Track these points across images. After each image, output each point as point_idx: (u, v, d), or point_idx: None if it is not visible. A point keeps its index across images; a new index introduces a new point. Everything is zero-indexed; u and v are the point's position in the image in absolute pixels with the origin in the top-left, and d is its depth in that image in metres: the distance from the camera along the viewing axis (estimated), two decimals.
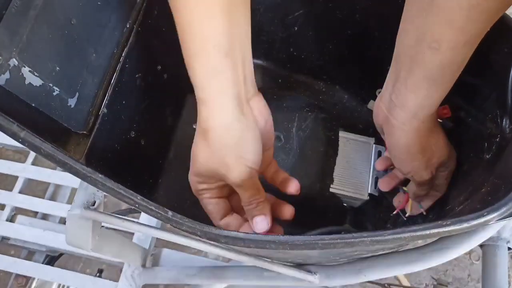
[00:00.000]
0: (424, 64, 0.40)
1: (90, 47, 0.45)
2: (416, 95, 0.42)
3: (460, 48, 0.38)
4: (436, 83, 0.41)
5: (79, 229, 0.47)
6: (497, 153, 0.42)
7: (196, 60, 0.39)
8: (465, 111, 0.51)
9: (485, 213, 0.32)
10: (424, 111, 0.43)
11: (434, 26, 0.38)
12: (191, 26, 0.38)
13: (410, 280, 1.20)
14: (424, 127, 0.44)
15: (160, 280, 0.67)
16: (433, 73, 0.40)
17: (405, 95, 0.42)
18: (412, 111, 0.43)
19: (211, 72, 0.39)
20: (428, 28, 0.38)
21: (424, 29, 0.38)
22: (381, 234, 0.33)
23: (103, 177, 0.35)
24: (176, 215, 0.35)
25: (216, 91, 0.40)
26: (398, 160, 0.47)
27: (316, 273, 0.48)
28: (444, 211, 0.48)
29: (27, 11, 0.37)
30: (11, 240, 0.79)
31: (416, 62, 0.40)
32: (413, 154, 0.45)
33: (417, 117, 0.43)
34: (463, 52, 0.38)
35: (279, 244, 0.34)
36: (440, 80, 0.40)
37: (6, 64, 0.36)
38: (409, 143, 0.45)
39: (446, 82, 0.41)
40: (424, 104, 0.42)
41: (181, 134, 0.64)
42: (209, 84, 0.40)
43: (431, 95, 0.41)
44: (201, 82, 0.40)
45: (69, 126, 0.43)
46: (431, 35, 0.38)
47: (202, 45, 0.39)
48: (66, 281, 0.73)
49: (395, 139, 0.45)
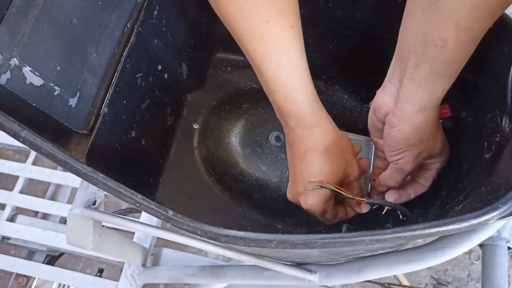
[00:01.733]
0: (431, 61, 0.41)
1: (91, 47, 0.45)
2: (424, 90, 0.43)
3: (465, 45, 0.39)
4: (443, 77, 0.42)
5: (80, 229, 0.47)
6: (497, 153, 0.42)
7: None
8: (465, 110, 0.51)
9: (484, 212, 0.32)
10: (431, 104, 0.45)
11: (439, 25, 0.39)
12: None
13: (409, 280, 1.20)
14: (428, 120, 0.46)
15: (160, 279, 0.67)
16: (440, 68, 0.41)
17: (413, 89, 0.44)
18: (421, 104, 0.44)
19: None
20: (434, 27, 0.39)
21: (429, 28, 0.39)
22: (380, 233, 0.33)
23: (104, 176, 0.35)
24: (177, 214, 0.35)
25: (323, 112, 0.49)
26: (392, 150, 0.49)
27: (316, 272, 0.48)
28: (444, 210, 0.48)
29: (28, 11, 0.37)
30: (12, 240, 0.79)
31: (423, 58, 0.41)
32: (409, 145, 0.47)
33: (424, 110, 0.45)
34: (468, 48, 0.40)
35: (278, 243, 0.34)
36: (446, 74, 0.42)
37: (7, 63, 0.36)
38: (410, 135, 0.46)
39: (452, 75, 0.43)
40: (432, 97, 0.44)
41: (182, 133, 0.64)
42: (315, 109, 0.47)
43: (438, 88, 0.43)
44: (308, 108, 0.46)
45: (70, 125, 0.43)
46: (438, 33, 0.39)
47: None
48: (66, 280, 0.73)
49: (397, 130, 0.47)
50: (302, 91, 0.46)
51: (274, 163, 0.61)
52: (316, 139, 0.47)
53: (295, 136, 0.48)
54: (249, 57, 0.44)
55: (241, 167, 0.61)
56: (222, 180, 0.62)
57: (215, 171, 0.62)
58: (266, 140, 0.62)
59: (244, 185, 0.61)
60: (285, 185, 0.60)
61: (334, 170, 0.48)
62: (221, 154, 0.62)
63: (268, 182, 0.61)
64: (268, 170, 0.61)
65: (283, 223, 0.60)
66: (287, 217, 0.60)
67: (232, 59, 0.67)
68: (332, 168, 0.48)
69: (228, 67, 0.68)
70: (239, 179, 0.61)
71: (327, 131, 0.48)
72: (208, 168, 0.63)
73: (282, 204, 0.60)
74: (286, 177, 0.60)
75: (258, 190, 0.61)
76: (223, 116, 0.64)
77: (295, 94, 0.45)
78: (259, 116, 0.63)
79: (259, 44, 0.43)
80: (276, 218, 0.60)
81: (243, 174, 0.61)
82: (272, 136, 0.62)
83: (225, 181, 0.62)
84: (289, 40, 0.44)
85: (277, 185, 0.61)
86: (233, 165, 0.61)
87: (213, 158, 0.62)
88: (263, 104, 0.64)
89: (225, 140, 0.63)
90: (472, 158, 0.48)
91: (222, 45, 0.67)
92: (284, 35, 0.43)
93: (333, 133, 0.48)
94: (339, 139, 0.49)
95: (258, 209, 0.61)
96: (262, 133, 0.62)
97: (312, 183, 0.47)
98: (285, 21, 0.43)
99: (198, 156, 0.63)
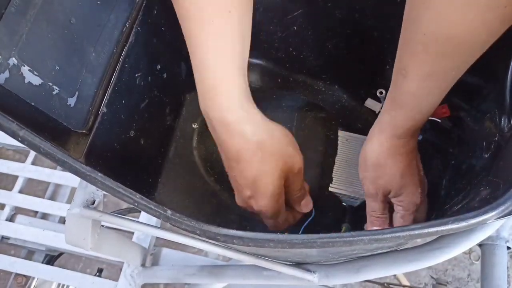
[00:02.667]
0: (397, 89, 0.44)
1: (89, 46, 0.45)
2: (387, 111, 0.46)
3: (425, 78, 0.40)
4: (401, 107, 0.44)
5: (79, 228, 0.47)
6: (496, 152, 0.42)
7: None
8: (464, 110, 0.51)
9: (483, 212, 0.32)
10: (390, 130, 0.47)
11: (403, 56, 0.41)
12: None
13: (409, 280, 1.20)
14: (386, 147, 0.47)
15: (160, 279, 0.67)
16: (401, 97, 0.43)
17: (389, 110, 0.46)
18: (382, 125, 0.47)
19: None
20: (400, 56, 0.42)
21: (398, 56, 0.42)
22: (379, 233, 0.33)
23: (103, 176, 0.35)
24: (175, 214, 0.35)
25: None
26: (359, 166, 0.51)
27: (315, 272, 0.48)
28: (443, 210, 0.48)
29: (27, 10, 0.37)
30: (11, 240, 0.79)
31: (394, 84, 0.44)
32: (367, 165, 0.49)
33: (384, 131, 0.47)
34: (428, 83, 0.41)
35: (277, 242, 0.34)
36: (404, 106, 0.44)
37: (6, 63, 0.36)
38: (368, 154, 0.49)
39: (412, 109, 0.44)
40: (392, 122, 0.46)
41: (181, 133, 0.64)
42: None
43: (398, 117, 0.45)
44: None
45: (69, 125, 0.43)
46: (400, 62, 0.41)
47: None
48: (65, 280, 0.73)
49: (364, 147, 0.50)
50: (231, 82, 0.42)
51: None
52: (247, 136, 0.43)
53: (224, 135, 0.44)
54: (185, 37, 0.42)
55: None
56: (221, 180, 0.62)
57: (214, 170, 0.62)
58: None
59: None
60: None
61: (275, 167, 0.45)
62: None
63: None
64: None
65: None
66: None
67: None
68: (272, 166, 0.45)
69: None
70: None
71: (257, 125, 0.44)
72: (207, 167, 0.63)
73: None
74: None
75: None
76: None
77: (223, 84, 0.42)
78: None
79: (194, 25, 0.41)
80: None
81: None
82: None
83: (224, 180, 0.62)
84: (223, 26, 0.41)
85: None
86: None
87: (212, 157, 0.62)
88: (262, 104, 0.64)
89: None
90: (471, 158, 0.48)
91: None
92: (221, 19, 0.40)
93: (264, 126, 0.44)
94: (273, 130, 0.45)
95: None
96: None
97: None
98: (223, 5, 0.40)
99: (197, 156, 0.63)
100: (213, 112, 0.43)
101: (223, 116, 0.43)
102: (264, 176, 0.45)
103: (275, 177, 0.45)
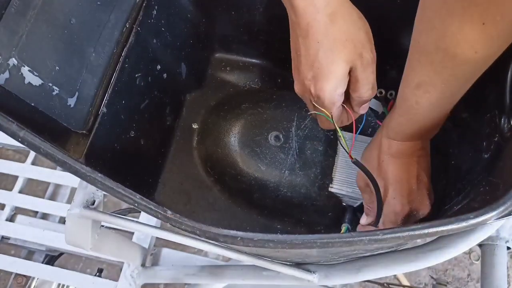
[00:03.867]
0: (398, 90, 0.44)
1: (89, 46, 0.45)
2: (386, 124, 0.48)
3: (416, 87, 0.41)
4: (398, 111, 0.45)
5: (79, 229, 0.47)
6: (496, 153, 0.42)
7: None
8: (464, 111, 0.51)
9: (483, 212, 0.32)
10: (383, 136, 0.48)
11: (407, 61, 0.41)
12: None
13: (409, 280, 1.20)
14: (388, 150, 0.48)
15: (160, 279, 0.67)
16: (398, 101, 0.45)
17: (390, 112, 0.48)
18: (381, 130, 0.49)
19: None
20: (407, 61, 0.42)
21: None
22: (379, 233, 0.33)
23: (103, 176, 0.35)
24: (175, 214, 0.35)
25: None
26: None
27: (315, 272, 0.48)
28: (443, 210, 0.48)
29: (27, 11, 0.37)
30: (11, 240, 0.79)
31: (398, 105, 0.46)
32: (364, 163, 0.49)
33: (388, 136, 0.48)
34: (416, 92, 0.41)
35: (277, 243, 0.34)
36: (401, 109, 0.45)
37: (6, 63, 0.36)
38: (367, 153, 0.51)
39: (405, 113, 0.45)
40: (383, 130, 0.49)
41: (181, 133, 0.64)
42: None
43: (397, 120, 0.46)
44: None
45: (69, 125, 0.43)
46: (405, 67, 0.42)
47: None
48: (65, 280, 0.74)
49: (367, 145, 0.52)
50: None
51: (273, 163, 0.61)
52: (319, 6, 0.41)
53: (296, 10, 0.42)
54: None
55: (240, 167, 0.61)
56: (221, 180, 0.62)
57: (214, 171, 0.62)
58: (265, 140, 0.62)
59: (243, 185, 0.61)
60: (284, 185, 0.60)
61: (341, 48, 0.42)
62: (220, 154, 0.62)
63: (267, 182, 0.61)
64: (267, 170, 0.61)
65: (282, 223, 0.60)
66: (286, 217, 0.60)
67: (231, 59, 0.67)
68: (339, 45, 0.42)
69: (227, 67, 0.68)
70: (238, 179, 0.61)
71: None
72: (207, 168, 0.63)
73: (281, 204, 0.60)
74: (285, 177, 0.60)
75: (257, 190, 0.61)
76: (222, 116, 0.64)
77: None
78: (258, 116, 0.63)
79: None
80: (275, 218, 0.60)
81: (242, 174, 0.61)
82: (271, 136, 0.62)
83: (224, 181, 0.62)
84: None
85: (276, 185, 0.61)
86: (232, 165, 0.61)
87: (212, 158, 0.62)
88: (262, 104, 0.64)
89: (224, 140, 0.63)
90: (471, 158, 0.48)
91: (221, 45, 0.67)
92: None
93: (340, 2, 0.42)
94: (348, 8, 0.43)
95: (257, 209, 0.61)
96: (261, 133, 0.62)
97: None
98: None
99: (197, 156, 0.63)
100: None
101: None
102: (330, 53, 0.42)
103: (340, 58, 0.42)
